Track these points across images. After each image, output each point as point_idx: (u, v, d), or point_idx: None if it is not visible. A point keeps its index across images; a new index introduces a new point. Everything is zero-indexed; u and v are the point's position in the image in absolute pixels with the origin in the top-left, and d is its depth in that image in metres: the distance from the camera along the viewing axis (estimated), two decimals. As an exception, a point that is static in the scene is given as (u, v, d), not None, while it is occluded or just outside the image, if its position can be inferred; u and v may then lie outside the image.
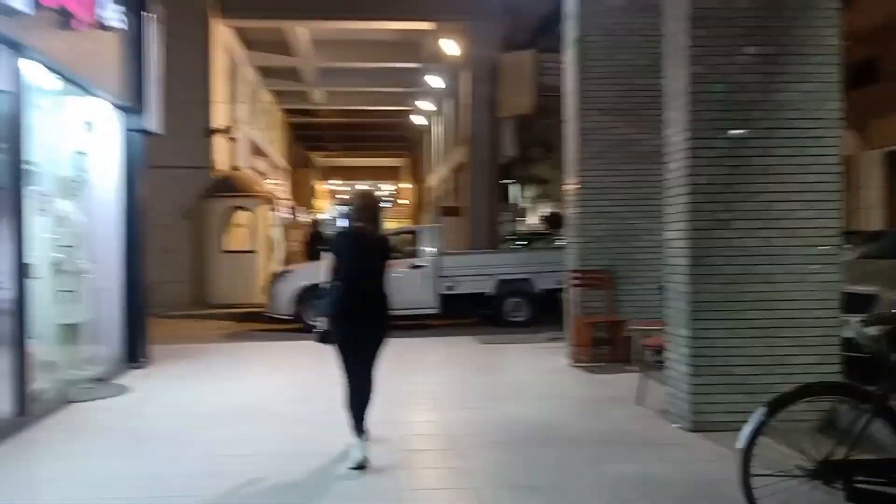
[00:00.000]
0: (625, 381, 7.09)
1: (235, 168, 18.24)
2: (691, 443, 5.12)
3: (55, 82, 6.75)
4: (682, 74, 5.48)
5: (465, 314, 12.85)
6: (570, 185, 8.47)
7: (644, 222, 8.13)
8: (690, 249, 5.33)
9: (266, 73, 24.42)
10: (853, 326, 4.24)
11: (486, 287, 12.32)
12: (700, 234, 5.34)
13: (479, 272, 12.40)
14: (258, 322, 13.24)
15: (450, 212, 20.04)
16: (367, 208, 4.99)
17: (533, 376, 7.68)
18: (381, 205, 5.30)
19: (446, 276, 12.30)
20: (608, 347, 7.85)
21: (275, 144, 28.93)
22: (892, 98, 16.34)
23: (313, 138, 39.96)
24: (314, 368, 7.86)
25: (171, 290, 15.57)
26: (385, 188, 52.56)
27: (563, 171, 8.85)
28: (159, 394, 7.13)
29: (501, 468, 4.79)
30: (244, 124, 20.60)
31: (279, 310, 12.34)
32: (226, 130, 17.52)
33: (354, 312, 4.78)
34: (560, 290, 12.39)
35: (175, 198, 16.01)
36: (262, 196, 17.79)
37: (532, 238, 21.69)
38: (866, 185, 17.82)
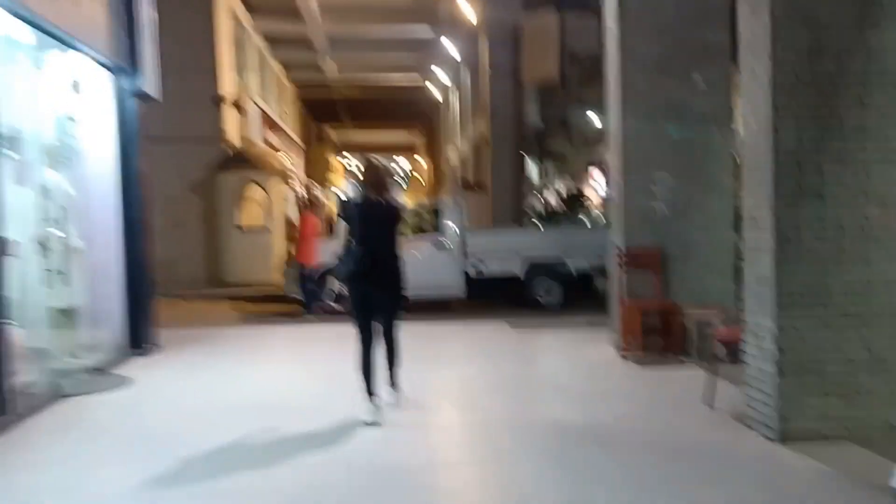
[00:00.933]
0: (684, 378, 6.30)
1: (248, 141, 17.48)
2: (780, 456, 4.32)
3: (32, 35, 5.97)
4: (761, 18, 4.63)
5: (491, 296, 12.12)
6: (613, 154, 7.63)
7: (700, 196, 7.31)
8: (776, 225, 4.51)
9: (274, 41, 23.49)
10: None
11: (515, 268, 11.54)
12: (787, 205, 4.51)
13: (507, 252, 11.62)
14: (274, 303, 12.61)
15: (471, 187, 19.18)
16: (376, 177, 5.24)
17: (577, 369, 6.89)
18: (391, 174, 5.63)
19: (472, 256, 11.53)
20: (660, 337, 7.04)
21: (287, 118, 28.11)
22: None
23: (326, 112, 39.00)
24: (336, 355, 7.18)
25: (183, 268, 15.03)
26: (400, 163, 51.80)
27: (600, 141, 8.01)
28: (164, 386, 6.44)
29: (555, 486, 4.04)
30: (255, 95, 19.77)
31: (296, 290, 11.68)
32: (234, 100, 16.73)
33: (368, 276, 5.05)
34: (595, 272, 11.67)
35: (184, 171, 15.45)
36: (276, 170, 17.05)
37: (560, 216, 20.79)
38: None
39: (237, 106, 16.99)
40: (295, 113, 31.66)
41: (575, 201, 23.89)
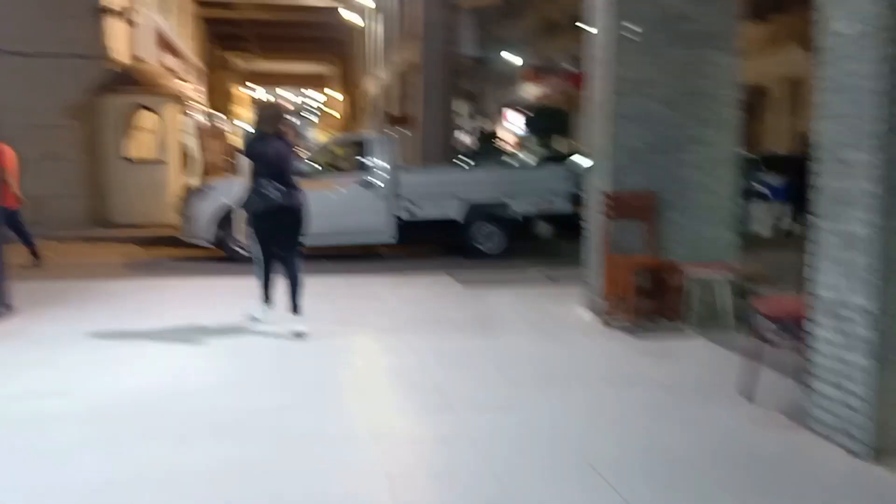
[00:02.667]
0: (691, 352, 5.12)
1: (138, 59, 15.06)
2: (884, 481, 3.15)
3: None
4: None
5: (424, 242, 10.77)
6: (596, 78, 6.23)
7: (699, 129, 6.05)
8: (884, 166, 3.25)
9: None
10: None
11: (453, 211, 10.23)
12: (902, 143, 3.26)
13: (445, 193, 10.28)
14: (169, 247, 10.78)
15: (398, 121, 17.46)
16: (271, 116, 5.74)
17: (556, 339, 5.50)
18: (285, 111, 6.24)
19: (404, 197, 10.10)
20: (651, 299, 5.82)
21: (186, 41, 25.20)
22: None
23: (231, 37, 35.81)
24: (249, 325, 5.65)
25: (61, 206, 12.89)
26: (313, 97, 49.00)
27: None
28: (5, 376, 4.69)
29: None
30: (147, 8, 17.14)
31: (196, 233, 9.93)
32: (122, 12, 14.26)
33: (266, 211, 5.46)
34: (538, 217, 10.56)
35: (59, 93, 13.10)
36: (171, 94, 14.78)
37: (483, 154, 19.43)
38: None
39: (126, 19, 14.53)
40: (196, 36, 28.60)
41: (488, 141, 22.83)
